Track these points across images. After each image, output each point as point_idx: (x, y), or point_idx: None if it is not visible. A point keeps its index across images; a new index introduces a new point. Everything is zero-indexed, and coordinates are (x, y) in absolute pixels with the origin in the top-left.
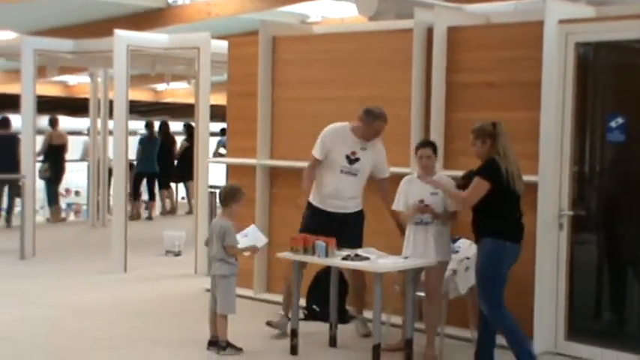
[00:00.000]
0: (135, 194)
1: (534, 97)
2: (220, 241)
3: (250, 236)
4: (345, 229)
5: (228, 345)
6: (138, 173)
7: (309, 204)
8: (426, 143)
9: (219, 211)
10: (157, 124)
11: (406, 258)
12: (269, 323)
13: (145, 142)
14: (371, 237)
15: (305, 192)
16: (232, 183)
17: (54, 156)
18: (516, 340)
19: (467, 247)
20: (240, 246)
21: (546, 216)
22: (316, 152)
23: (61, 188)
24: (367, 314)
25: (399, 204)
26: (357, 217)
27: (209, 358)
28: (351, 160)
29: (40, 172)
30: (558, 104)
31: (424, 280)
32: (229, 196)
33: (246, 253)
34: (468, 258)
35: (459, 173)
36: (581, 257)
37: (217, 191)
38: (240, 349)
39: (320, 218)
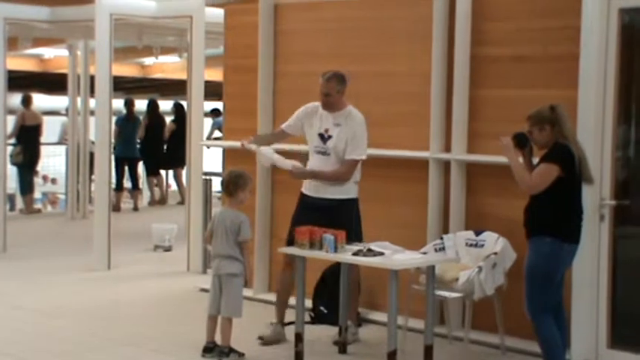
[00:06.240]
0: (117, 183)
1: (571, 72)
2: (233, 236)
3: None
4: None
5: (231, 351)
6: (117, 158)
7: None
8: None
9: (215, 201)
10: (143, 103)
11: (425, 253)
12: (262, 341)
13: (124, 123)
14: (384, 230)
15: None
16: (235, 168)
17: (27, 138)
18: (551, 355)
19: (493, 242)
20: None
21: (585, 206)
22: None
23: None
24: (381, 317)
25: None
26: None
27: None
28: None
29: (11, 156)
30: (599, 81)
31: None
32: (233, 183)
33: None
34: (495, 254)
35: (485, 158)
36: (626, 253)
37: (211, 178)
38: (242, 354)
39: None
